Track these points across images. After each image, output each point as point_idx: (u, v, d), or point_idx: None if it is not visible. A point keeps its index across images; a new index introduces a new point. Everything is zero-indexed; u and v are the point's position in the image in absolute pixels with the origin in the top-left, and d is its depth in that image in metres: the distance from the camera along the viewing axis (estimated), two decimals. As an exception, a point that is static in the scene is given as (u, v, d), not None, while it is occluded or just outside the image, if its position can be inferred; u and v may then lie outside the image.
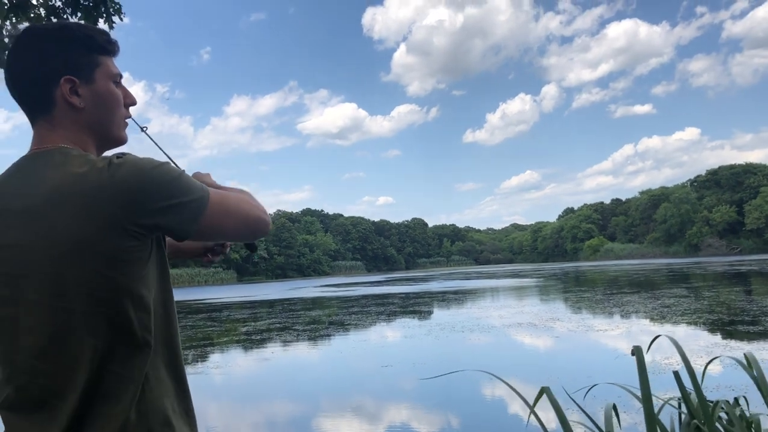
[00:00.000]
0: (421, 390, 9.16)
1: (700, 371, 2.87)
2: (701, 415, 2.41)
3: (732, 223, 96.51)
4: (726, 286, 26.15)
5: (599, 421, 2.58)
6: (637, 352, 2.38)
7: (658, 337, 2.92)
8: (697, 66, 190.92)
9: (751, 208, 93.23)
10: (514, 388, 2.53)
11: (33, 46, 1.23)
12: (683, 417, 2.69)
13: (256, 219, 1.34)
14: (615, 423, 2.54)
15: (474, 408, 7.84)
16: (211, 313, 27.28)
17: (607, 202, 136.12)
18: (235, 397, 9.61)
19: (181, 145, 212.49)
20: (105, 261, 1.10)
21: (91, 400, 1.10)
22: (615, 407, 2.54)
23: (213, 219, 1.23)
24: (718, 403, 2.58)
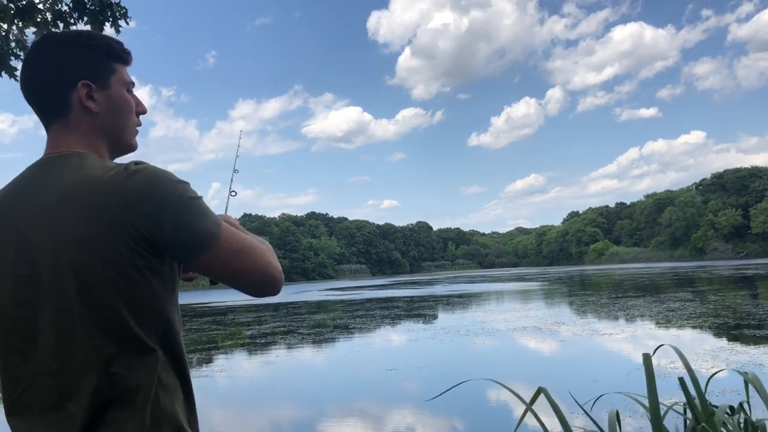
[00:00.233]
0: (426, 394, 9.14)
1: (705, 377, 2.86)
2: (706, 421, 2.40)
3: (738, 227, 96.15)
4: (732, 290, 26.06)
5: (604, 426, 2.57)
6: (646, 360, 2.37)
7: (661, 346, 2.91)
8: (702, 69, 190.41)
9: (756, 212, 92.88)
10: (516, 393, 2.53)
11: (52, 51, 1.25)
12: (688, 422, 2.68)
13: (268, 271, 1.23)
14: (618, 429, 2.53)
15: (478, 412, 7.82)
16: (215, 316, 27.30)
17: (612, 206, 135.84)
18: (240, 401, 9.62)
19: (186, 149, 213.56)
20: (109, 265, 1.10)
21: (104, 404, 1.11)
22: (618, 414, 2.53)
23: (221, 253, 1.18)
24: (723, 408, 2.57)
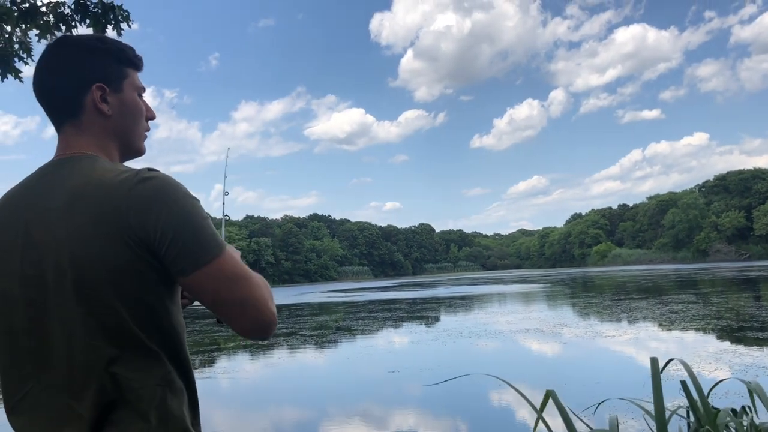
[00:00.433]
0: (428, 396, 9.13)
1: (708, 380, 2.85)
2: (708, 424, 2.40)
3: (741, 229, 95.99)
4: (735, 292, 25.99)
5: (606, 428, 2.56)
6: (653, 365, 2.37)
7: (671, 360, 2.91)
8: (705, 71, 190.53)
9: (759, 214, 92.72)
10: (521, 393, 2.52)
11: (68, 53, 1.27)
12: (691, 425, 2.67)
13: (262, 308, 1.17)
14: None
15: (480, 414, 7.81)
16: (218, 318, 27.27)
17: (614, 208, 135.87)
18: (243, 402, 9.62)
19: (188, 150, 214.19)
20: (112, 268, 1.10)
21: (109, 405, 1.11)
22: (617, 420, 2.52)
23: (216, 275, 1.13)
24: (726, 411, 2.56)
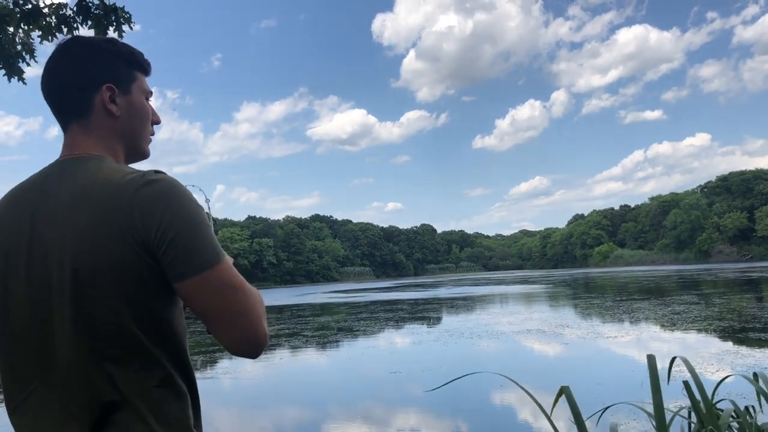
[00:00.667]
0: (431, 396, 9.12)
1: (711, 381, 2.85)
2: (711, 424, 2.39)
3: (743, 230, 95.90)
4: (737, 293, 25.95)
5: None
6: (650, 362, 2.36)
7: (675, 359, 2.90)
8: (707, 71, 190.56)
9: (762, 215, 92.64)
10: (529, 392, 2.52)
11: (79, 53, 1.28)
12: (693, 426, 2.67)
13: (255, 323, 1.16)
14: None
15: (482, 414, 7.80)
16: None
17: (616, 209, 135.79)
18: (244, 403, 9.61)
19: (191, 151, 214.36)
20: (114, 268, 1.10)
21: (111, 406, 1.10)
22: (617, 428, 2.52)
23: (212, 283, 1.13)
24: (728, 412, 2.56)
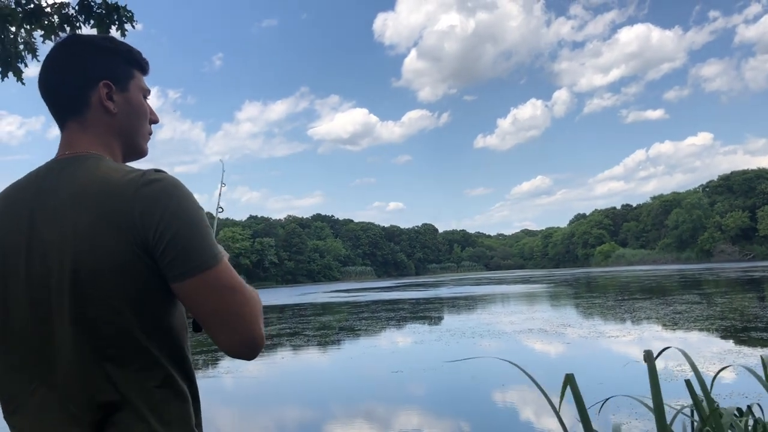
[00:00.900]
0: (432, 395, 9.13)
1: (712, 379, 2.85)
2: (713, 423, 2.39)
3: (745, 229, 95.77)
4: (739, 293, 25.94)
5: (612, 428, 2.56)
6: (648, 357, 2.36)
7: (667, 348, 2.90)
8: (709, 71, 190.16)
9: (764, 214, 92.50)
10: (535, 381, 2.52)
11: (76, 50, 1.27)
12: (695, 425, 2.67)
13: (252, 324, 1.15)
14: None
15: (484, 414, 7.80)
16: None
17: (618, 208, 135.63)
18: (246, 402, 9.62)
19: (192, 151, 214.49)
20: (115, 268, 1.08)
21: (111, 407, 1.10)
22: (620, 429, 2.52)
23: (211, 284, 1.11)
24: (731, 410, 2.56)
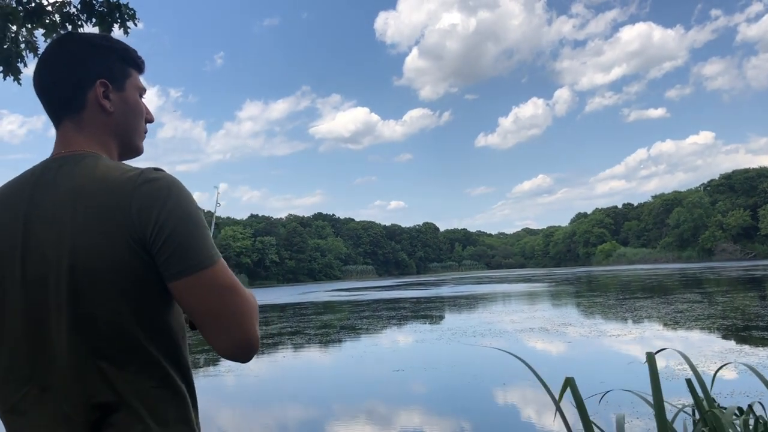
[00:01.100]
0: (434, 395, 9.13)
1: (712, 378, 2.85)
2: (714, 422, 2.39)
3: (746, 228, 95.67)
4: (740, 292, 25.92)
5: (612, 426, 2.56)
6: (650, 360, 2.36)
7: (663, 349, 2.91)
8: (711, 69, 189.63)
9: (765, 213, 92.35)
10: (539, 375, 2.52)
11: (73, 49, 1.26)
12: (697, 423, 2.67)
13: (248, 325, 1.17)
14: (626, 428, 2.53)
15: (485, 414, 7.81)
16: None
17: (619, 207, 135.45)
18: (247, 401, 9.63)
19: (194, 150, 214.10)
20: (113, 268, 1.08)
21: (109, 407, 1.09)
22: (625, 417, 2.53)
23: (207, 283, 1.11)
24: (731, 409, 2.56)
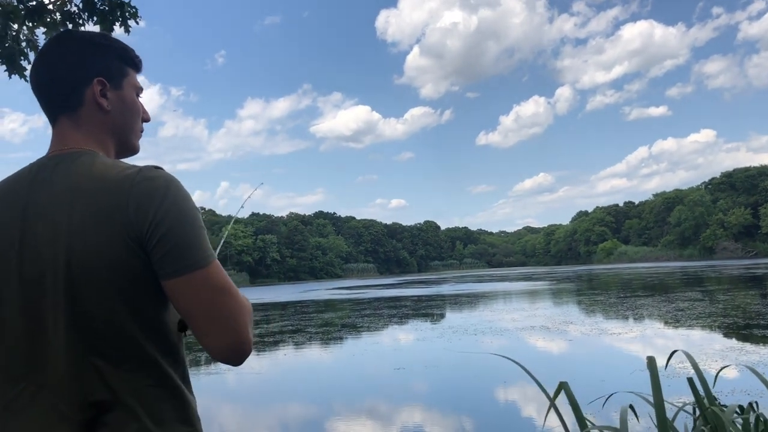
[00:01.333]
0: (434, 393, 9.14)
1: (714, 377, 2.85)
2: (714, 420, 2.39)
3: (747, 226, 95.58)
4: (741, 290, 25.90)
5: (612, 426, 2.56)
6: (650, 364, 2.36)
7: (675, 352, 2.91)
8: (712, 67, 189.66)
9: (766, 211, 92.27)
10: (536, 378, 2.52)
11: (71, 46, 1.26)
12: (698, 423, 2.67)
13: (241, 328, 1.13)
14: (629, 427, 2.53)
15: (485, 413, 7.81)
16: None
17: (620, 205, 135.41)
18: (248, 399, 9.65)
19: (195, 148, 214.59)
20: (110, 266, 1.08)
21: (104, 407, 1.09)
22: (632, 407, 2.53)
23: (200, 284, 1.10)
24: (732, 408, 2.56)
